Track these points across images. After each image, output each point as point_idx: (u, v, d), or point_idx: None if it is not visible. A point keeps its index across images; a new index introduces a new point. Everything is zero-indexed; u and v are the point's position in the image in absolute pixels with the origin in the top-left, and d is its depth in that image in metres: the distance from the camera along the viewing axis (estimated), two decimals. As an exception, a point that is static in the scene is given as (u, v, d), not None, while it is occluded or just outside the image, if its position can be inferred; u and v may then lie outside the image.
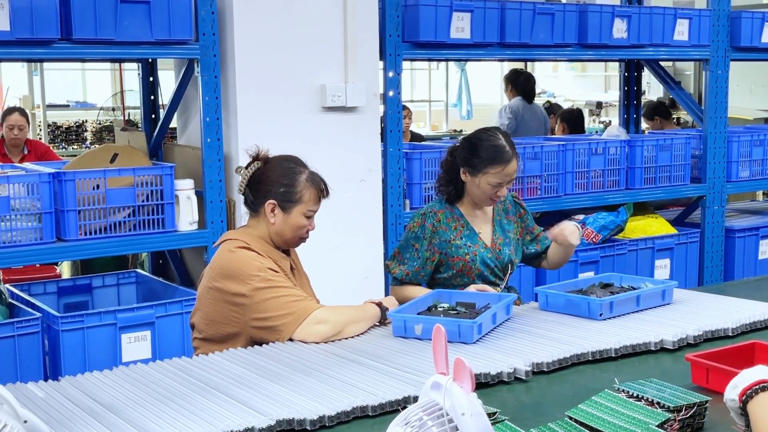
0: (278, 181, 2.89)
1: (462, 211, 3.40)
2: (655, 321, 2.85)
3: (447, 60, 10.13)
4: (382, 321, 2.89)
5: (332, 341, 2.71)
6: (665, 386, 2.07)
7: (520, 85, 7.56)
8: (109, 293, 4.59)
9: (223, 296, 2.80)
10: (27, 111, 7.41)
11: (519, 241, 3.51)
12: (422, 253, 3.34)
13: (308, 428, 2.05)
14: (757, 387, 1.67)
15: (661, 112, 7.88)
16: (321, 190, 2.94)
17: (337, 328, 2.73)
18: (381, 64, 4.55)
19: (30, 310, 3.88)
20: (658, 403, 1.97)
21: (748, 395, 1.68)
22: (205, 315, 2.86)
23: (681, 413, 1.95)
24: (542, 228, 3.60)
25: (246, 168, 2.94)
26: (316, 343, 2.69)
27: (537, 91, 14.30)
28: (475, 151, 3.29)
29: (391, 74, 4.55)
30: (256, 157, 2.94)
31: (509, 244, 3.44)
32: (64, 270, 5.72)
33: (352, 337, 2.76)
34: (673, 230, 5.78)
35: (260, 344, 2.72)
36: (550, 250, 3.53)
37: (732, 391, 1.72)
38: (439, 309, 2.92)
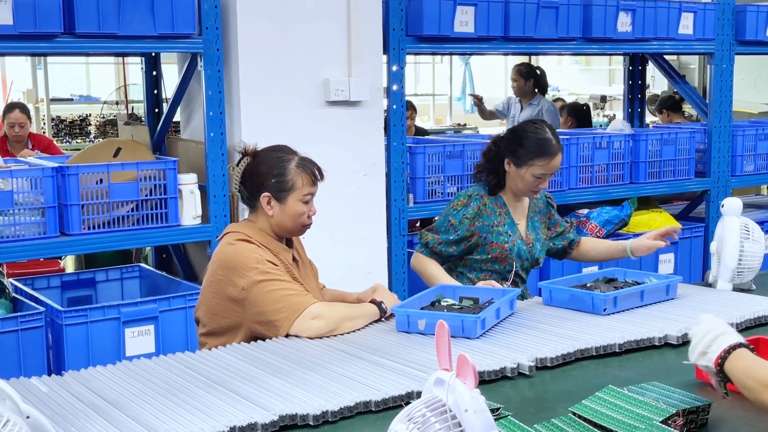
0: (268, 173, 2.88)
1: (504, 200, 3.47)
2: (660, 316, 2.84)
3: (451, 54, 10.12)
4: (381, 318, 2.88)
5: (332, 336, 2.70)
6: (668, 390, 2.06)
7: (540, 80, 7.33)
8: (112, 287, 4.59)
9: (224, 289, 2.80)
10: (30, 105, 7.41)
11: (545, 240, 3.58)
12: (461, 231, 3.38)
13: (311, 423, 2.04)
14: (727, 351, 1.96)
15: (669, 105, 7.83)
16: (313, 173, 2.92)
17: (331, 325, 2.72)
18: (384, 58, 4.54)
19: (33, 304, 3.89)
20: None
21: (723, 358, 1.95)
22: (209, 308, 2.86)
23: (685, 412, 1.94)
24: (568, 222, 3.64)
25: (237, 165, 2.94)
26: (311, 338, 2.69)
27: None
28: (521, 143, 3.36)
29: (394, 68, 4.54)
30: (244, 153, 2.94)
31: (540, 240, 3.53)
32: (68, 264, 5.73)
33: (352, 332, 2.76)
34: (677, 225, 5.77)
35: (263, 339, 2.72)
36: (603, 249, 3.67)
37: (702, 359, 2.02)
38: (442, 304, 2.92)
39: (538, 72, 7.36)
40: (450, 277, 3.42)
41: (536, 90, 7.25)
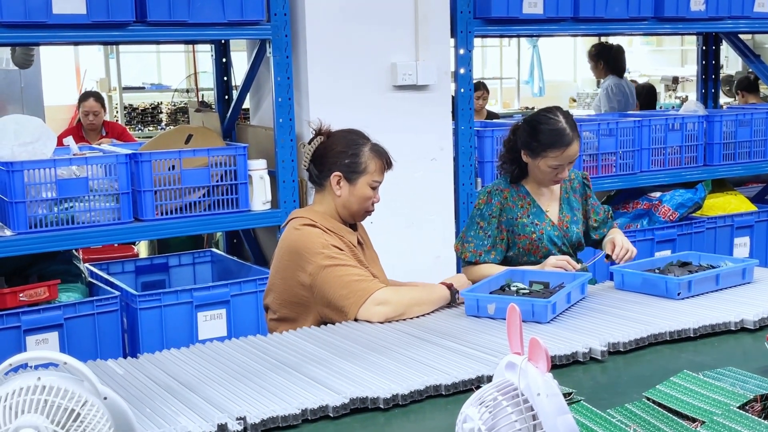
0: (343, 152, 2.89)
1: (528, 189, 3.35)
2: (735, 300, 2.78)
3: (519, 36, 10.01)
4: (452, 303, 2.87)
5: (401, 321, 2.71)
6: (745, 375, 2.01)
7: (613, 60, 7.11)
8: (185, 272, 4.66)
9: (292, 275, 2.82)
10: (103, 94, 7.56)
11: (584, 222, 3.46)
12: (491, 231, 3.29)
13: (381, 407, 2.05)
14: None
15: (745, 86, 7.64)
16: (386, 160, 2.94)
17: (398, 310, 2.72)
18: (452, 41, 4.51)
19: (109, 288, 3.97)
20: (739, 387, 1.92)
21: None
22: (278, 295, 2.89)
23: (763, 398, 1.90)
24: (606, 210, 3.52)
25: (309, 143, 2.95)
26: (380, 322, 2.69)
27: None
28: (534, 134, 3.23)
29: (462, 51, 4.50)
30: (318, 132, 2.95)
31: (578, 222, 3.39)
32: (141, 249, 5.84)
33: (420, 316, 2.75)
34: (753, 207, 5.64)
35: (332, 323, 2.73)
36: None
37: None
38: (512, 288, 2.90)
39: (609, 52, 7.21)
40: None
41: (613, 72, 7.11)
